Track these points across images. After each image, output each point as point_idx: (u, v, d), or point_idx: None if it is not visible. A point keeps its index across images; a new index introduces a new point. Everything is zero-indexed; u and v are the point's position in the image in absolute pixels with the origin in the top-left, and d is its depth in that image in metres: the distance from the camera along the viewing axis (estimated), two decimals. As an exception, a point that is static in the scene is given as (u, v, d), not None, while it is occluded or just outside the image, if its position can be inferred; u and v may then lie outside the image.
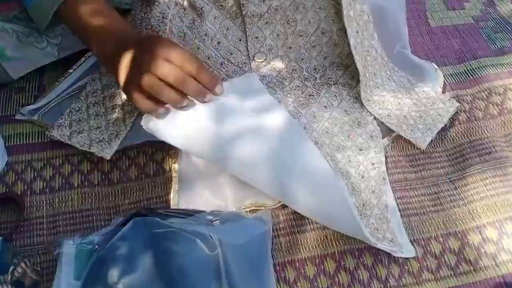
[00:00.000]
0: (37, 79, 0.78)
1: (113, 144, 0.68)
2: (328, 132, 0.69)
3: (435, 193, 0.70)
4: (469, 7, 0.94)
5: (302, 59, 0.77)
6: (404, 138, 0.72)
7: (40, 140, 0.72)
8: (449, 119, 0.76)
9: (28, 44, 0.74)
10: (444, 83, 0.80)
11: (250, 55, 0.76)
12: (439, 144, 0.75)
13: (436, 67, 0.80)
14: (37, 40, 0.75)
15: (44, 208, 0.67)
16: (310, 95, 0.73)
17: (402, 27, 0.84)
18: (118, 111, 0.71)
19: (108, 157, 0.68)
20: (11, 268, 0.57)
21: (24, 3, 0.68)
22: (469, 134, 0.76)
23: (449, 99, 0.76)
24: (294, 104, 0.70)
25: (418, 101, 0.76)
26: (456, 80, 0.82)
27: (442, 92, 0.79)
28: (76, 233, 0.65)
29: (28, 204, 0.67)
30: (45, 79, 0.78)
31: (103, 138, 0.69)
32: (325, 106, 0.72)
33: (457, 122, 0.77)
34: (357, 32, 0.71)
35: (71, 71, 0.77)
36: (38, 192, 0.68)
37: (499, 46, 0.87)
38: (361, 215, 0.64)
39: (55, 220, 0.66)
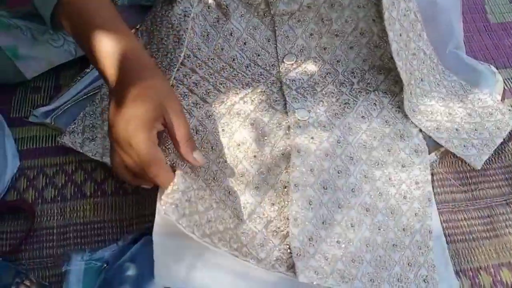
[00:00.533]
0: (54, 79, 0.74)
1: None
2: (366, 146, 0.61)
3: (488, 216, 0.61)
4: (535, -1, 0.83)
5: (338, 61, 0.68)
6: (453, 154, 0.63)
7: (53, 144, 0.68)
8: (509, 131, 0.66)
9: (43, 42, 0.70)
10: (504, 88, 0.70)
11: (279, 57, 0.68)
12: (496, 160, 0.65)
13: (495, 70, 0.70)
14: (53, 38, 0.71)
15: (55, 218, 0.63)
16: (345, 103, 0.64)
17: (456, 24, 0.74)
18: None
19: None
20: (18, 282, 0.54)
21: None
22: (531, 149, 0.65)
23: (509, 109, 0.66)
24: (326, 114, 0.62)
25: (473, 111, 0.66)
26: (519, 86, 0.72)
27: (502, 100, 0.69)
28: (87, 246, 0.61)
29: (39, 213, 0.63)
30: (62, 78, 0.74)
31: None
32: (362, 116, 0.63)
33: (518, 135, 0.67)
34: (400, 35, 0.62)
35: (88, 70, 0.72)
36: (50, 200, 0.64)
37: None
38: (397, 245, 0.56)
39: (66, 231, 0.62)
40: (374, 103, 0.65)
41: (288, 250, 0.53)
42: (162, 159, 0.49)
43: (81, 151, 0.65)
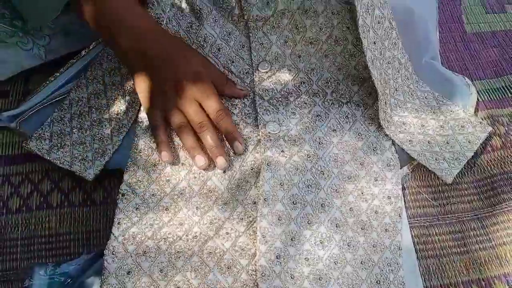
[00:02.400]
0: (22, 83, 0.72)
1: (97, 164, 0.61)
2: (337, 159, 0.60)
3: (460, 231, 0.61)
4: (511, 10, 0.82)
5: (312, 69, 0.67)
6: (424, 168, 0.63)
7: (19, 152, 0.66)
8: (482, 142, 0.66)
9: (12, 45, 0.68)
10: (478, 100, 0.70)
11: (253, 64, 0.67)
12: (467, 173, 0.65)
13: (470, 82, 0.70)
14: (22, 41, 0.69)
15: (19, 229, 0.61)
16: (317, 116, 0.64)
17: (433, 34, 0.73)
18: (105, 125, 0.64)
19: (91, 178, 0.61)
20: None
21: None
22: (503, 164, 0.65)
23: (480, 122, 0.66)
24: (297, 128, 0.61)
25: (445, 123, 0.66)
26: (492, 97, 0.72)
27: (475, 112, 0.69)
28: (52, 259, 0.59)
29: (3, 224, 0.61)
30: (31, 83, 0.72)
31: (86, 156, 0.62)
32: (334, 130, 0.62)
33: (489, 148, 0.67)
34: (374, 43, 0.61)
35: (57, 74, 0.70)
36: (14, 211, 0.62)
37: (544, 58, 0.76)
38: (365, 262, 0.55)
39: (30, 243, 0.60)
40: (347, 116, 0.64)
41: (255, 272, 0.52)
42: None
43: (48, 158, 0.63)
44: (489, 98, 0.72)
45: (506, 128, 0.69)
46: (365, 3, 0.61)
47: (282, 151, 0.59)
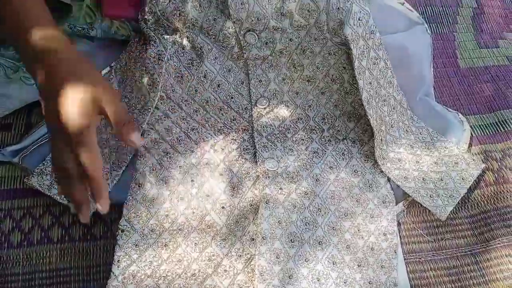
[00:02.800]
0: (25, 116, 0.73)
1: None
2: (334, 196, 0.62)
3: (454, 267, 0.62)
4: (503, 45, 0.84)
5: (309, 106, 0.69)
6: (419, 204, 0.64)
7: (21, 186, 0.67)
8: (475, 179, 0.67)
9: (16, 80, 0.69)
10: (471, 135, 0.71)
11: (252, 100, 0.69)
12: (461, 209, 0.66)
13: (463, 119, 0.72)
14: (26, 76, 0.70)
15: (21, 264, 0.62)
16: (314, 152, 0.65)
17: (427, 72, 0.75)
18: (105, 160, 0.65)
19: (89, 214, 0.62)
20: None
21: None
22: (496, 200, 0.67)
23: (473, 160, 0.67)
24: (295, 164, 0.63)
25: (439, 159, 0.67)
26: (485, 132, 0.74)
27: (469, 147, 0.70)
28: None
29: (4, 259, 0.62)
30: (33, 116, 0.73)
31: None
32: (330, 167, 0.64)
33: (483, 184, 0.68)
34: (370, 84, 0.63)
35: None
36: (16, 245, 0.63)
37: (536, 93, 0.78)
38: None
39: (32, 278, 0.61)
40: (343, 153, 0.65)
41: (249, 270, 0.53)
42: (95, 143, 0.45)
43: (49, 194, 0.64)
44: (483, 133, 0.73)
45: (499, 164, 0.70)
46: (360, 46, 0.63)
47: (281, 188, 0.60)
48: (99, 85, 0.46)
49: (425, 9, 0.86)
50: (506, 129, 0.74)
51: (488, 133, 0.73)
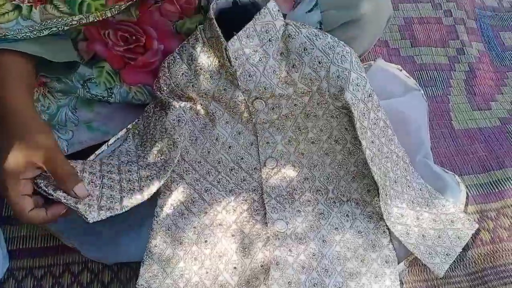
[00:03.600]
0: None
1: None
2: (340, 257, 0.65)
3: (455, 324, 0.65)
4: (496, 107, 0.90)
5: (315, 166, 0.73)
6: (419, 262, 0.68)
7: (42, 245, 0.70)
8: (472, 237, 0.71)
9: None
10: (467, 195, 0.75)
11: (261, 160, 0.73)
12: (459, 267, 0.70)
13: (460, 180, 0.76)
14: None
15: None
16: (320, 214, 0.69)
17: (425, 135, 0.80)
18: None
19: (91, 221, 0.62)
20: None
21: None
22: (492, 258, 0.70)
23: (468, 219, 0.71)
24: (303, 226, 0.67)
25: (437, 216, 0.71)
26: (480, 192, 0.78)
27: (465, 206, 0.74)
28: None
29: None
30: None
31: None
32: (336, 228, 0.68)
33: (480, 243, 0.72)
34: (372, 142, 0.68)
35: (79, 164, 0.75)
36: (36, 303, 0.66)
37: (527, 154, 0.83)
38: None
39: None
40: (347, 214, 0.69)
41: None
42: (25, 208, 0.54)
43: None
44: (477, 193, 0.78)
45: (494, 223, 0.74)
46: (361, 109, 0.68)
47: (290, 250, 0.64)
48: (40, 149, 0.56)
49: (420, 74, 0.92)
50: (500, 189, 0.78)
51: (483, 193, 0.78)
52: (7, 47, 0.61)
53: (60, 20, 0.65)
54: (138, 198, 0.64)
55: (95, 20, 0.68)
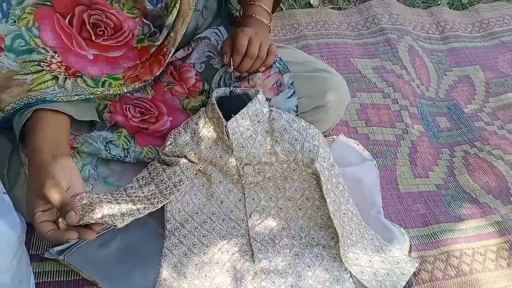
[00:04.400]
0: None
1: None
2: (312, 288, 0.83)
3: None
4: (432, 176, 1.12)
5: (290, 218, 0.92)
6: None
7: (66, 278, 0.84)
8: (415, 277, 0.89)
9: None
10: (410, 244, 0.95)
11: (247, 213, 0.91)
12: (406, 300, 0.87)
13: (404, 232, 0.96)
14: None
15: None
16: (296, 255, 0.87)
17: (377, 196, 1.01)
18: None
19: (120, 226, 0.73)
20: None
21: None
22: (430, 293, 0.89)
23: (410, 260, 0.90)
24: (282, 264, 0.84)
25: (386, 259, 0.90)
26: (421, 242, 0.97)
27: (408, 253, 0.93)
28: None
29: None
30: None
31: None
32: (308, 266, 0.86)
33: (421, 281, 0.90)
34: (334, 201, 0.88)
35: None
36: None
37: (457, 213, 1.04)
38: None
39: None
40: (317, 256, 0.87)
41: None
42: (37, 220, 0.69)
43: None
44: (419, 242, 0.97)
45: (432, 266, 0.93)
46: (326, 175, 0.89)
47: (273, 282, 0.80)
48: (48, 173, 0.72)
49: (373, 148, 1.14)
50: (436, 239, 0.98)
51: (423, 242, 0.97)
52: (46, 106, 0.80)
53: (87, 90, 0.85)
54: (150, 207, 0.79)
55: (115, 93, 0.88)
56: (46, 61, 0.82)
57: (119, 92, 0.89)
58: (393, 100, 1.26)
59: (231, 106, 0.90)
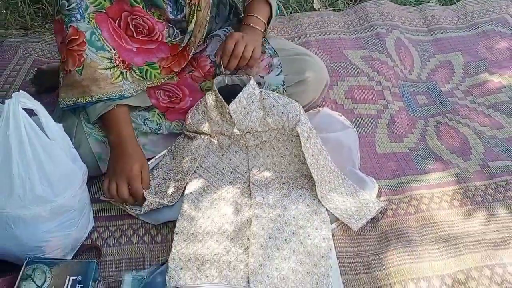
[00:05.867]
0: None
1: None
2: (295, 217, 1.09)
3: (366, 262, 1.06)
4: (406, 141, 1.36)
5: (282, 170, 1.20)
6: (347, 225, 1.11)
7: (114, 214, 1.15)
8: (381, 214, 1.14)
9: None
10: (380, 190, 1.19)
11: (249, 167, 1.20)
12: (372, 230, 1.12)
13: (374, 181, 1.21)
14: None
15: (114, 255, 1.07)
16: (284, 194, 1.14)
17: (355, 155, 1.26)
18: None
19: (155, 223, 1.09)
20: (98, 281, 0.96)
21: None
22: (392, 224, 1.13)
23: (378, 202, 1.15)
24: (273, 200, 1.12)
25: (357, 200, 1.15)
26: (390, 189, 1.22)
27: (377, 197, 1.18)
28: (133, 268, 1.05)
29: (103, 252, 1.08)
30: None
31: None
32: (293, 202, 1.13)
33: (385, 216, 1.15)
34: (312, 155, 1.14)
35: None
36: (111, 245, 1.09)
37: (423, 168, 1.27)
38: (309, 273, 1.00)
39: (120, 263, 1.06)
40: (300, 195, 1.14)
41: (246, 262, 0.98)
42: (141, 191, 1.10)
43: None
44: (388, 190, 1.22)
45: (396, 206, 1.17)
46: (305, 137, 1.15)
47: (264, 210, 1.08)
48: (141, 161, 1.12)
49: (356, 120, 1.40)
50: (402, 187, 1.22)
51: (392, 190, 1.22)
52: (119, 102, 1.14)
53: (143, 83, 1.17)
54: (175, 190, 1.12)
55: (157, 84, 1.20)
56: (114, 58, 1.14)
57: (159, 84, 1.21)
58: (377, 82, 1.51)
59: (230, 89, 1.19)
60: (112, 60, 1.13)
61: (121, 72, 1.15)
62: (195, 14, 1.16)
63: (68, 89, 1.11)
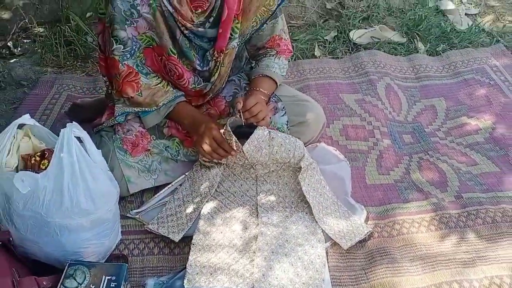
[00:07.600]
0: (140, 195, 1.44)
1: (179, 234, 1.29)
2: (295, 236, 1.28)
3: (354, 275, 1.24)
4: (393, 174, 1.56)
5: (286, 196, 1.40)
6: (339, 244, 1.29)
7: (137, 229, 1.34)
8: (369, 235, 1.33)
9: (141, 177, 1.41)
10: (367, 216, 1.39)
11: (257, 192, 1.40)
12: (360, 249, 1.31)
13: (363, 207, 1.40)
14: (146, 176, 1.43)
15: (138, 264, 1.26)
16: (286, 216, 1.34)
17: (348, 185, 1.46)
18: (185, 215, 1.34)
19: (176, 240, 1.28)
20: (127, 282, 1.14)
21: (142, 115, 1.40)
22: (378, 245, 1.32)
23: (366, 226, 1.34)
24: (276, 220, 1.31)
25: (349, 224, 1.34)
26: (376, 215, 1.41)
27: (366, 221, 1.37)
28: (156, 274, 1.23)
29: (129, 261, 1.26)
30: (144, 195, 1.44)
31: (174, 230, 1.30)
32: (293, 223, 1.32)
33: (372, 238, 1.34)
34: (308, 184, 1.34)
35: (161, 192, 1.42)
36: (135, 255, 1.28)
37: (406, 198, 1.47)
38: (306, 284, 1.18)
39: (143, 270, 1.25)
40: (300, 218, 1.33)
41: (251, 271, 1.17)
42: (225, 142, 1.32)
43: (155, 232, 1.31)
44: (375, 215, 1.41)
45: (381, 229, 1.36)
46: (306, 169, 1.35)
47: (268, 229, 1.27)
48: (209, 119, 1.37)
49: (349, 155, 1.60)
50: (387, 214, 1.41)
51: (378, 216, 1.41)
52: (178, 100, 1.40)
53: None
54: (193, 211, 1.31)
55: None
56: (159, 76, 1.40)
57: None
58: (368, 122, 1.73)
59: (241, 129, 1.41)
60: (159, 77, 1.41)
61: (168, 83, 1.39)
62: (219, 69, 1.40)
63: (133, 107, 1.41)
